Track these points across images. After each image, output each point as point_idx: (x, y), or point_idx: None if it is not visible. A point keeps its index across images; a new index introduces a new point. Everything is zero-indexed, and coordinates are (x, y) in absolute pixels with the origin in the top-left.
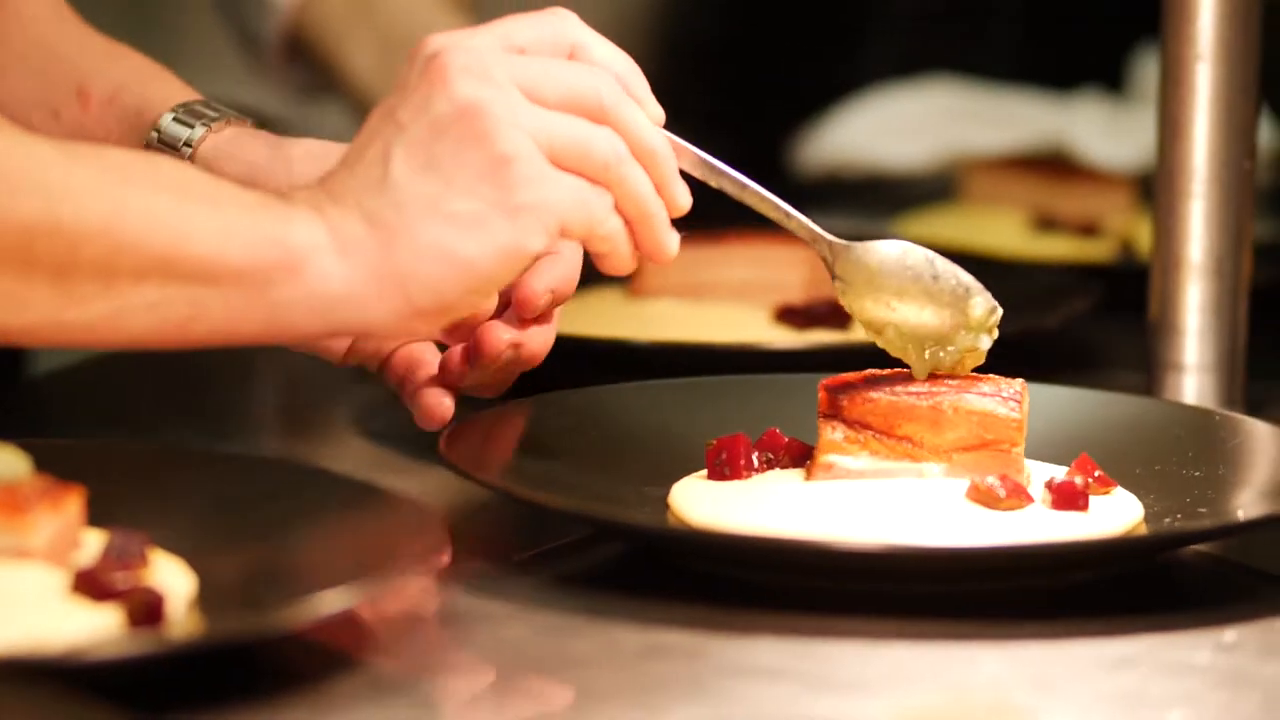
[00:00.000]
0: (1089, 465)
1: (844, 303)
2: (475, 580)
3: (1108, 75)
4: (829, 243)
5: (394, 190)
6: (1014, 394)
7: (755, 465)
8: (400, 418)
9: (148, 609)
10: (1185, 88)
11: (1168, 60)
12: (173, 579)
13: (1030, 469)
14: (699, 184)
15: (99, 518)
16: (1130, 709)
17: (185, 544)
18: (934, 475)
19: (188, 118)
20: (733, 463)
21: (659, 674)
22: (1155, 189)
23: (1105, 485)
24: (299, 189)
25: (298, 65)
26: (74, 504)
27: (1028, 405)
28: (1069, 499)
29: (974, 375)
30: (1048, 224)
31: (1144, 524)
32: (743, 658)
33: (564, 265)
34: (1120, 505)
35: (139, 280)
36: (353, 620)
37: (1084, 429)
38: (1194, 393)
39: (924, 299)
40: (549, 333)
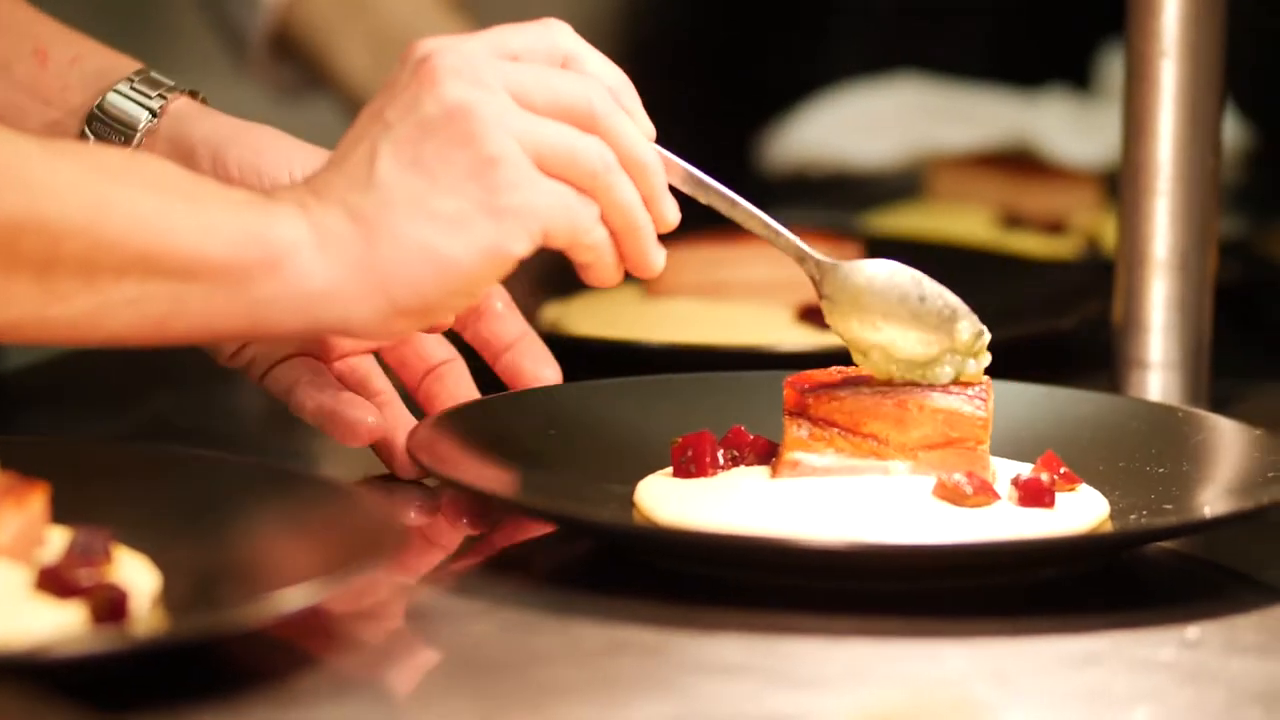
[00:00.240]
0: (1055, 462)
1: (830, 322)
2: (438, 577)
3: (1074, 73)
4: (816, 261)
5: (379, 188)
6: (979, 392)
7: (721, 463)
8: None
9: (111, 606)
10: (1150, 84)
11: (1132, 57)
12: (136, 576)
13: (996, 466)
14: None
15: (63, 515)
16: (1094, 705)
17: (149, 541)
18: (900, 473)
19: (146, 88)
20: (698, 460)
21: (620, 670)
22: (1120, 186)
23: (1071, 482)
24: (283, 187)
25: (284, 64)
26: (38, 501)
27: (993, 403)
28: (1035, 496)
29: None
30: (1014, 221)
31: (1109, 521)
32: (704, 654)
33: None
34: (1086, 502)
35: (120, 276)
36: (315, 617)
37: (1049, 426)
38: (1159, 390)
39: (910, 320)
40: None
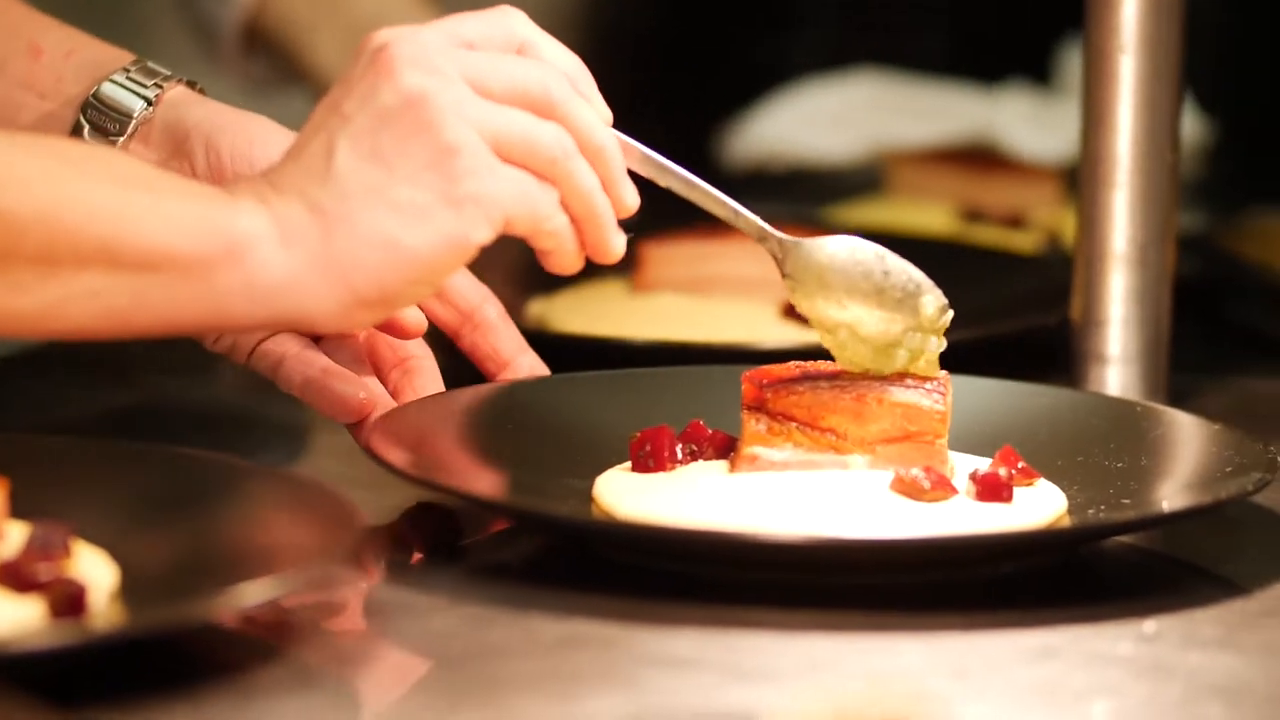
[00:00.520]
0: (1013, 457)
1: (794, 301)
2: (397, 572)
3: (1034, 68)
4: (778, 240)
5: (338, 179)
6: (938, 386)
7: (679, 457)
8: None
9: (70, 600)
10: (1108, 79)
11: (1091, 52)
12: (95, 570)
13: (954, 461)
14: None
15: (22, 509)
16: (1050, 699)
17: (108, 536)
18: (858, 467)
19: (142, 77)
20: (656, 454)
21: (576, 663)
22: (1079, 180)
23: (1029, 477)
24: (242, 180)
25: (256, 58)
26: None
27: (952, 397)
28: (993, 491)
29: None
30: (974, 216)
31: (1067, 516)
32: (660, 647)
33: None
34: (1044, 497)
35: (81, 268)
36: (274, 611)
37: (1007, 420)
38: (1118, 384)
39: (875, 296)
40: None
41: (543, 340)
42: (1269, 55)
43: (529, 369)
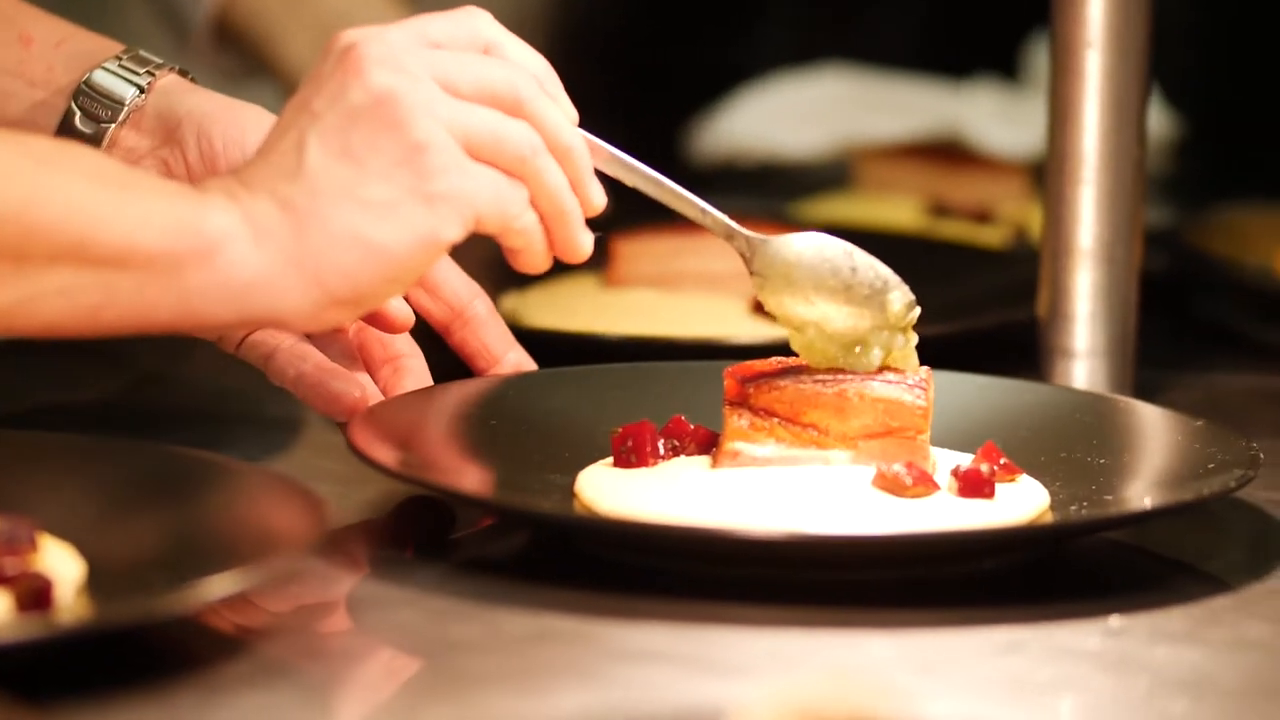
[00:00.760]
0: (995, 453)
1: (762, 298)
2: (366, 565)
3: (1002, 63)
4: (746, 238)
5: (308, 177)
6: (919, 381)
7: (661, 453)
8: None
9: (36, 595)
10: (1075, 75)
11: (1058, 47)
12: (62, 565)
13: (935, 456)
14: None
15: None
16: (1017, 692)
17: (74, 530)
18: (840, 462)
19: (134, 65)
20: (639, 450)
21: (543, 658)
22: (1046, 176)
23: (1011, 473)
24: (212, 179)
25: (226, 50)
26: None
27: (933, 392)
28: (975, 487)
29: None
30: (942, 211)
31: (1050, 512)
32: (627, 642)
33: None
34: (1026, 493)
35: (52, 265)
36: (241, 605)
37: (989, 416)
38: (1085, 379)
39: (842, 293)
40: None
41: (516, 335)
42: (1235, 51)
43: (516, 365)
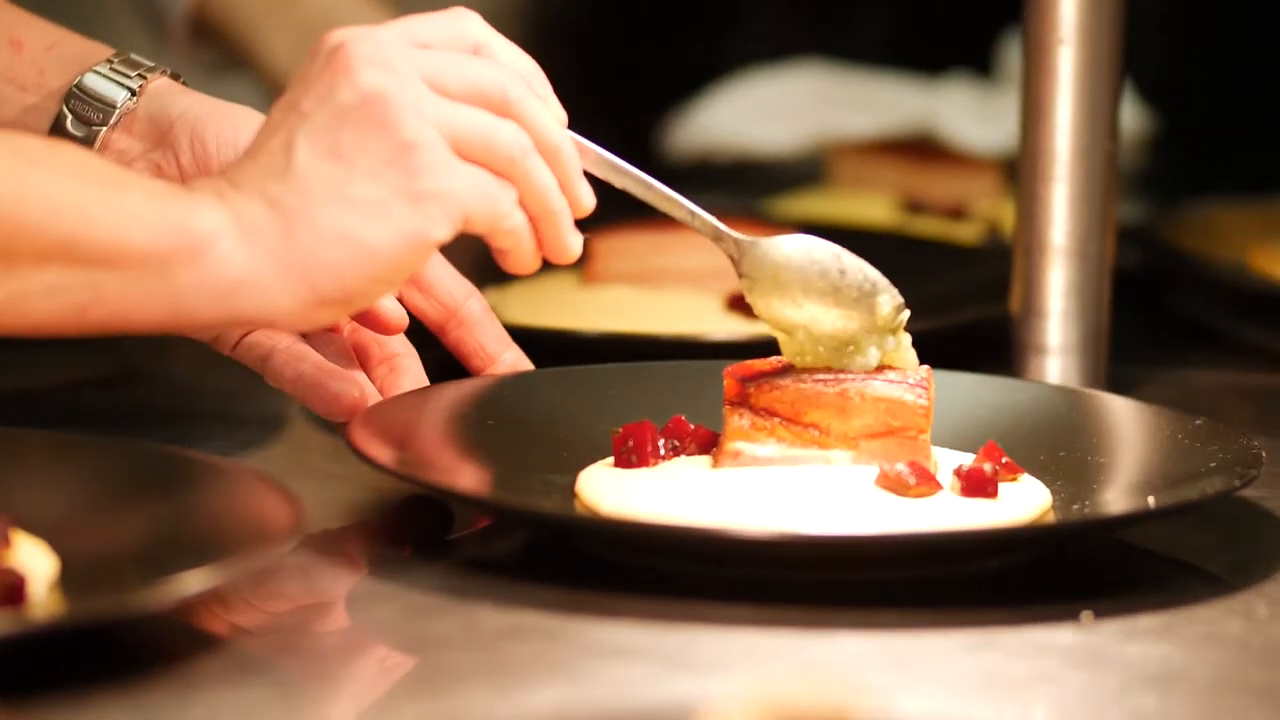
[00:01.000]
0: (996, 452)
1: (751, 301)
2: (339, 561)
3: (976, 60)
4: (734, 240)
5: (297, 176)
6: (921, 380)
7: (662, 453)
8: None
9: (9, 590)
10: (1047, 71)
11: (1030, 44)
12: (35, 561)
13: (936, 456)
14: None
15: None
16: (990, 689)
17: (47, 526)
18: (841, 462)
19: (125, 68)
20: (640, 450)
21: (518, 654)
22: (1018, 172)
23: (1012, 472)
24: (201, 179)
25: (204, 44)
26: None
27: (934, 392)
28: (979, 486)
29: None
30: (916, 207)
31: (1052, 511)
32: (602, 638)
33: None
34: (1028, 493)
35: (40, 264)
36: (214, 601)
37: (986, 416)
38: (1058, 375)
39: (830, 295)
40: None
41: None
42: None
43: (512, 364)
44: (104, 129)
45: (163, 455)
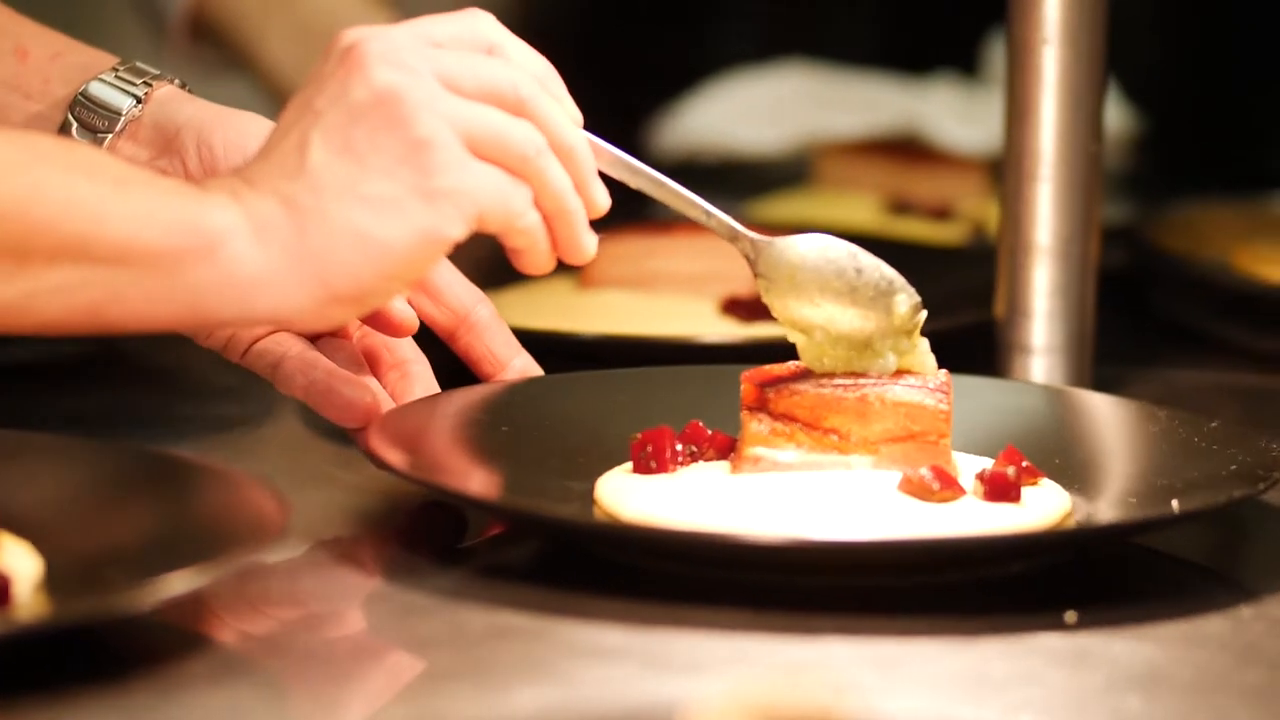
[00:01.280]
0: (1017, 456)
1: (767, 301)
2: (323, 562)
3: (961, 60)
4: (750, 240)
5: (311, 174)
6: (941, 385)
7: (680, 458)
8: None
9: None
10: (1032, 71)
11: (1014, 44)
12: (19, 562)
13: (957, 460)
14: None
15: None
16: (973, 689)
17: (32, 527)
18: (861, 467)
19: (130, 76)
20: (659, 456)
21: (501, 655)
22: (1003, 173)
23: (1033, 476)
24: (215, 178)
25: (202, 44)
26: None
27: (953, 396)
28: (1002, 491)
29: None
30: (901, 207)
31: (1072, 515)
32: (585, 639)
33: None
34: (1049, 496)
35: (53, 262)
36: (198, 602)
37: (1001, 419)
38: (1043, 375)
39: (847, 295)
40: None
41: None
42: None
43: (522, 370)
44: (109, 136)
45: (149, 456)
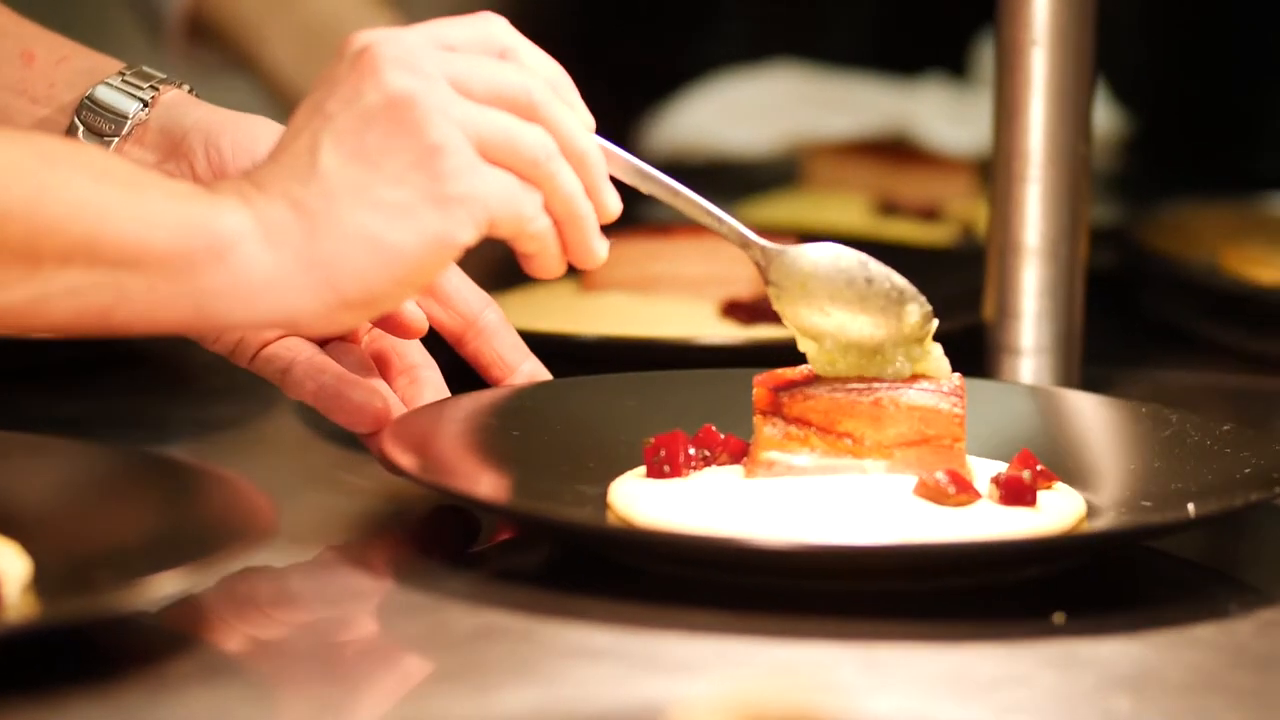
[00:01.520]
0: (1031, 459)
1: (778, 309)
2: (310, 563)
3: (951, 61)
4: (761, 248)
5: (322, 178)
6: (954, 389)
7: (693, 463)
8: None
9: None
10: (1020, 72)
11: (1003, 45)
12: (8, 563)
13: (972, 464)
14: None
15: None
16: (960, 689)
17: (21, 528)
18: (875, 471)
19: (137, 80)
20: (672, 460)
21: (488, 655)
22: (992, 174)
23: (1047, 480)
24: (224, 181)
25: (201, 45)
26: None
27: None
28: (1017, 495)
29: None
30: (890, 208)
31: (1087, 518)
32: (572, 639)
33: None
34: (1064, 500)
35: (62, 265)
36: (186, 603)
37: (1013, 423)
38: (1031, 376)
39: (857, 304)
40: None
41: None
42: (1183, 48)
43: (530, 374)
44: (116, 140)
45: (138, 457)
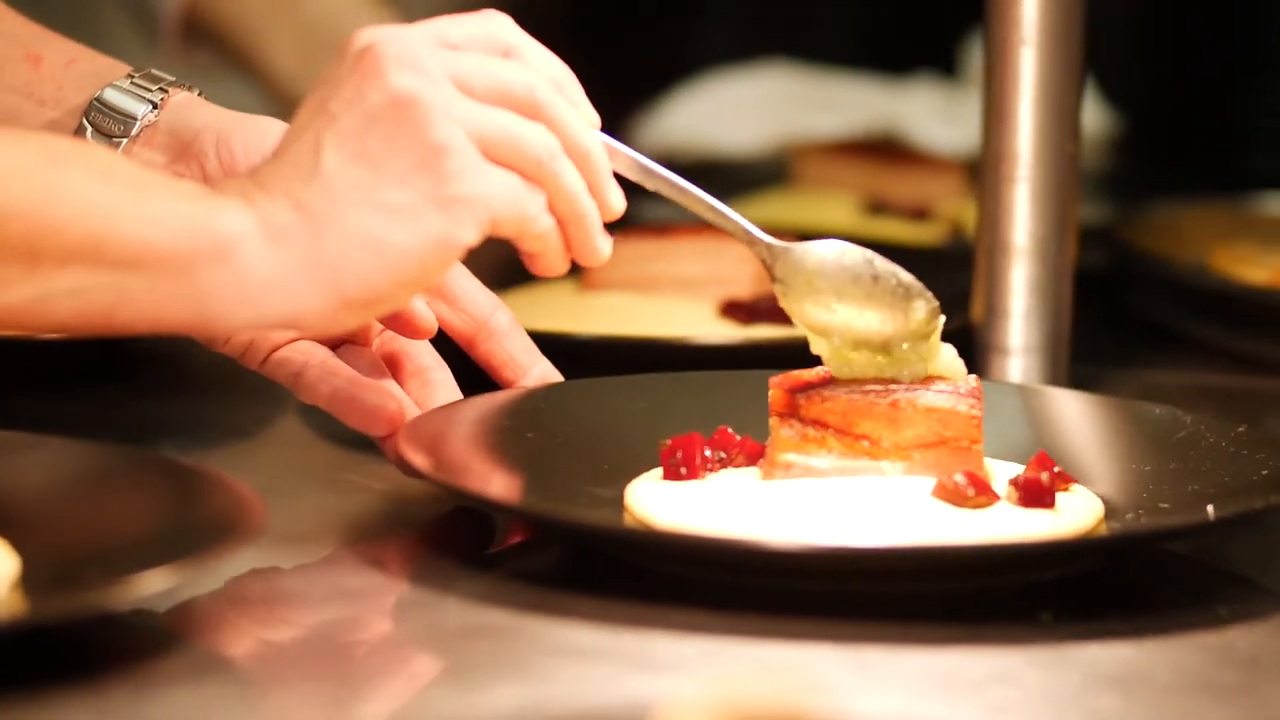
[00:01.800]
0: (1048, 461)
1: (784, 305)
2: (299, 561)
3: (941, 61)
4: (767, 245)
5: (324, 179)
6: (972, 390)
7: (709, 465)
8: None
9: None
10: (1009, 72)
11: (992, 44)
12: None
13: (990, 466)
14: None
15: None
16: (948, 689)
17: (9, 525)
18: (893, 473)
19: (146, 83)
20: (689, 462)
21: (477, 653)
22: (981, 173)
23: (1065, 482)
24: (227, 181)
25: (198, 44)
26: None
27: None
28: (1036, 496)
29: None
30: (879, 208)
31: (1105, 520)
32: (561, 638)
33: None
34: (1082, 502)
35: (64, 264)
36: (177, 602)
37: (1027, 424)
38: (1020, 375)
39: (864, 300)
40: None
41: None
42: (1172, 48)
43: (541, 376)
44: (124, 141)
45: (128, 456)
